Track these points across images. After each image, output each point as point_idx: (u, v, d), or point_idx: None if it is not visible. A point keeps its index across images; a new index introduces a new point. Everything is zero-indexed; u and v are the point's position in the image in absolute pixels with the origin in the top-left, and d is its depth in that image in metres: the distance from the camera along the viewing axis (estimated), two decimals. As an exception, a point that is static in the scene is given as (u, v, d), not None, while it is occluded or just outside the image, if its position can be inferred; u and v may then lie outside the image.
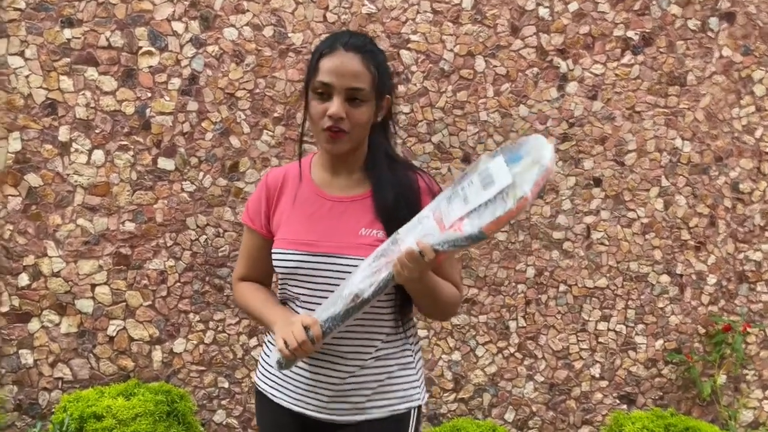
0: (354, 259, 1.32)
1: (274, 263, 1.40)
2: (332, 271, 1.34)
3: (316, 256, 1.34)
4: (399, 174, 1.38)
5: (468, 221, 1.16)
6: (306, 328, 1.25)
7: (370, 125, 1.37)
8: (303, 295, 1.38)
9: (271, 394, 1.44)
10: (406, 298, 1.37)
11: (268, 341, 1.49)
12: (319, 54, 1.33)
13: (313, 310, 1.33)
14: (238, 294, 1.52)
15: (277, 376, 1.43)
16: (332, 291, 1.31)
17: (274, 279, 1.49)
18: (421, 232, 1.22)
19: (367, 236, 1.34)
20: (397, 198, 1.35)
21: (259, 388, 1.47)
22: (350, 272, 1.30)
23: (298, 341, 1.24)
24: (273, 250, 1.40)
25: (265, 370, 1.47)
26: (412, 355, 1.44)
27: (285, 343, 1.25)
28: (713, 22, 2.69)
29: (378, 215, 1.35)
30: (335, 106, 1.30)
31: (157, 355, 2.47)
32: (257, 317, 1.44)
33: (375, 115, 1.37)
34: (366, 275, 1.25)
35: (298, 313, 1.38)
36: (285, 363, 1.29)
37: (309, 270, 1.35)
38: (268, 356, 1.47)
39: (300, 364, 1.37)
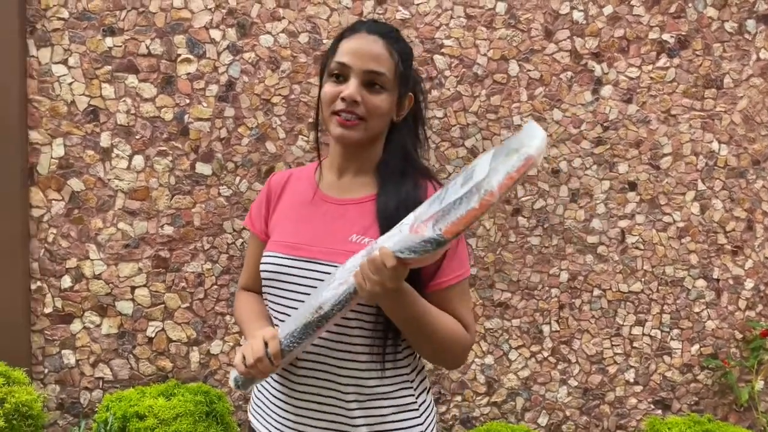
0: (337, 266, 1.15)
1: (260, 268, 1.27)
2: (310, 279, 1.18)
3: (297, 260, 1.20)
4: (409, 181, 1.23)
5: (432, 223, 0.98)
6: (266, 344, 1.11)
7: (389, 122, 1.25)
8: (279, 305, 1.23)
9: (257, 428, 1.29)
10: (394, 327, 1.17)
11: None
12: (340, 37, 1.24)
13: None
14: (235, 306, 1.41)
15: (264, 412, 1.28)
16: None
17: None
18: (396, 239, 1.03)
19: (357, 243, 1.18)
20: (398, 206, 1.18)
21: (251, 424, 1.33)
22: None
23: (255, 357, 1.09)
24: (264, 254, 1.28)
25: (255, 403, 1.33)
26: (413, 395, 1.23)
27: (243, 358, 1.12)
28: (750, 24, 2.66)
29: (378, 222, 1.19)
30: (351, 87, 1.18)
31: (195, 356, 2.51)
32: (241, 329, 1.32)
33: (396, 110, 1.25)
34: (332, 287, 1.09)
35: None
36: (242, 382, 1.15)
37: (287, 276, 1.21)
38: (257, 389, 1.34)
39: (287, 407, 1.21)
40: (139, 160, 2.46)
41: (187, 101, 2.46)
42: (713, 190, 2.68)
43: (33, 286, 2.42)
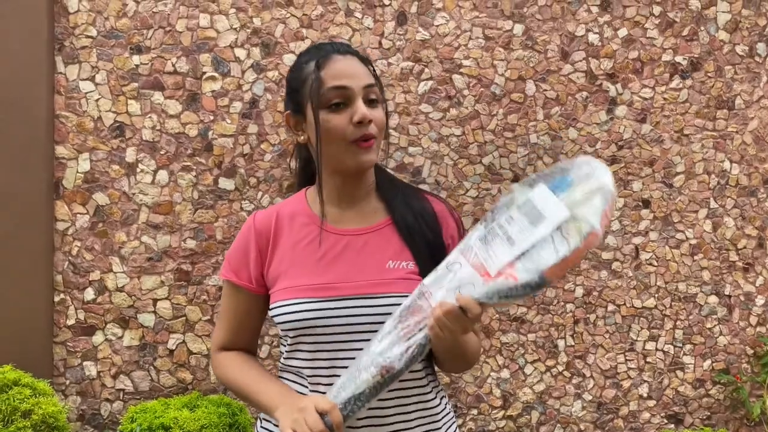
0: (386, 297, 1.10)
1: (281, 320, 1.14)
2: (360, 316, 1.09)
3: (335, 301, 1.10)
4: (410, 195, 1.20)
5: (521, 266, 0.94)
6: (322, 415, 0.99)
7: None
8: (322, 352, 1.11)
9: None
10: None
11: (263, 418, 1.24)
12: (316, 65, 1.14)
13: (330, 380, 1.09)
14: (219, 367, 1.24)
15: None
16: (362, 348, 1.07)
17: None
18: (454, 282, 1.01)
19: (396, 269, 1.12)
20: (417, 220, 1.16)
21: None
22: (385, 316, 1.07)
23: (313, 430, 0.98)
24: (275, 305, 1.15)
25: None
26: (446, 403, 1.24)
27: None
28: (761, 47, 2.73)
29: (405, 242, 1.15)
30: (362, 108, 1.11)
31: (215, 368, 2.54)
32: (248, 397, 1.18)
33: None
34: (393, 340, 1.02)
35: (308, 389, 1.12)
36: None
37: (327, 320, 1.09)
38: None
39: None
40: (163, 175, 2.50)
41: (212, 118, 2.51)
42: (725, 208, 2.74)
43: (56, 299, 2.45)
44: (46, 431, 2.07)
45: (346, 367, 1.06)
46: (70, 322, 2.47)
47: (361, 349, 1.06)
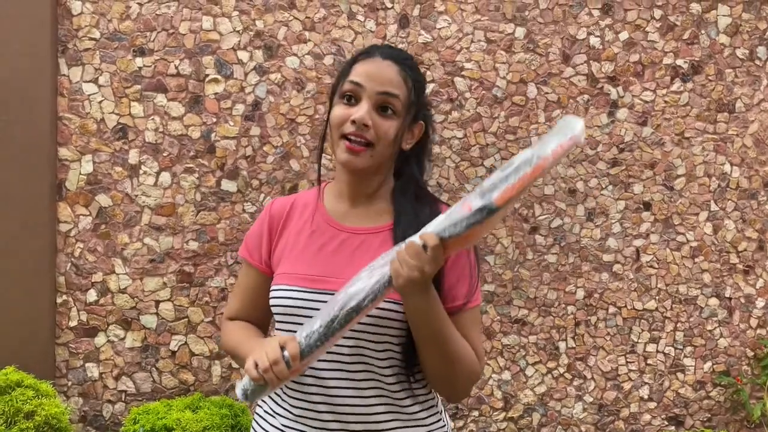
0: None
1: (271, 303, 1.19)
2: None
3: (320, 293, 1.14)
4: (426, 208, 1.20)
5: (477, 194, 0.98)
6: (282, 348, 1.02)
7: (397, 150, 1.20)
8: None
9: None
10: (410, 352, 1.15)
11: (256, 413, 1.28)
12: (354, 59, 1.20)
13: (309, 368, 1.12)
14: (223, 333, 1.30)
15: None
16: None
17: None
18: (437, 223, 1.02)
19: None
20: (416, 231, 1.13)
21: None
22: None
23: (270, 360, 1.00)
24: (272, 288, 1.21)
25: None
26: (438, 412, 1.24)
27: (255, 364, 1.02)
28: (761, 51, 2.74)
29: None
30: (362, 110, 1.14)
31: (217, 369, 2.55)
32: (237, 357, 1.22)
33: (404, 138, 1.20)
34: (361, 285, 1.03)
35: None
36: (252, 390, 1.03)
37: (307, 311, 1.13)
38: (260, 416, 1.25)
39: None
40: (166, 177, 2.51)
41: (214, 120, 2.52)
42: (725, 211, 2.75)
43: (59, 300, 2.46)
44: (48, 432, 2.08)
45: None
46: (73, 323, 2.47)
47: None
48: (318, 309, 1.09)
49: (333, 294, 1.08)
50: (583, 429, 2.71)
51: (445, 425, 1.26)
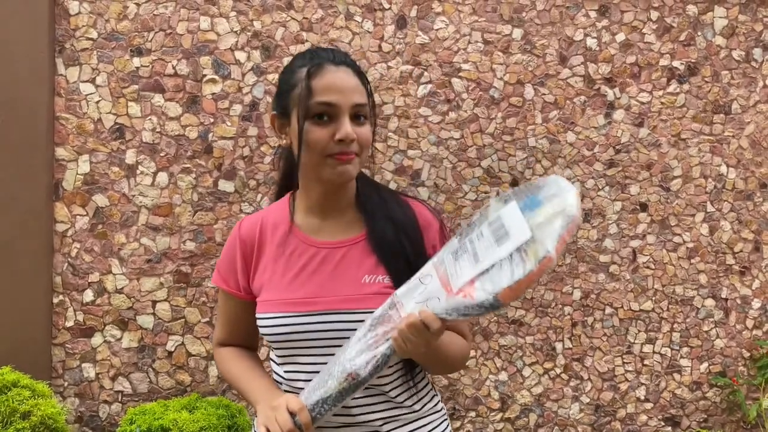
0: (360, 313, 1.11)
1: (262, 332, 1.19)
2: (333, 331, 1.13)
3: (312, 315, 1.13)
4: (392, 206, 1.20)
5: (480, 285, 0.96)
6: (292, 414, 1.04)
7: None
8: (301, 365, 1.15)
9: None
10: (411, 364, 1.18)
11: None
12: (307, 73, 1.14)
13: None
14: (219, 362, 1.31)
15: None
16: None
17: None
18: (423, 294, 1.03)
19: (372, 284, 1.14)
20: (397, 234, 1.17)
21: None
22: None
23: (283, 429, 1.03)
24: (258, 316, 1.19)
25: None
26: (438, 412, 1.27)
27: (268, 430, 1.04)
28: (757, 52, 2.76)
29: (379, 257, 1.16)
30: (346, 126, 1.11)
31: (213, 370, 2.54)
32: (240, 391, 1.23)
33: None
34: (361, 348, 1.04)
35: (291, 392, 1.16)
36: None
37: (305, 334, 1.13)
38: None
39: None
40: (163, 177, 2.51)
41: (212, 120, 2.52)
42: (722, 212, 2.76)
43: (55, 300, 2.45)
44: (45, 433, 2.07)
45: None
46: (69, 323, 2.47)
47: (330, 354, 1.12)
48: (311, 332, 1.12)
49: (327, 313, 1.11)
50: (579, 430, 2.71)
51: (446, 419, 1.29)
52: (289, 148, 1.23)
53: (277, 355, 1.21)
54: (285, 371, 1.20)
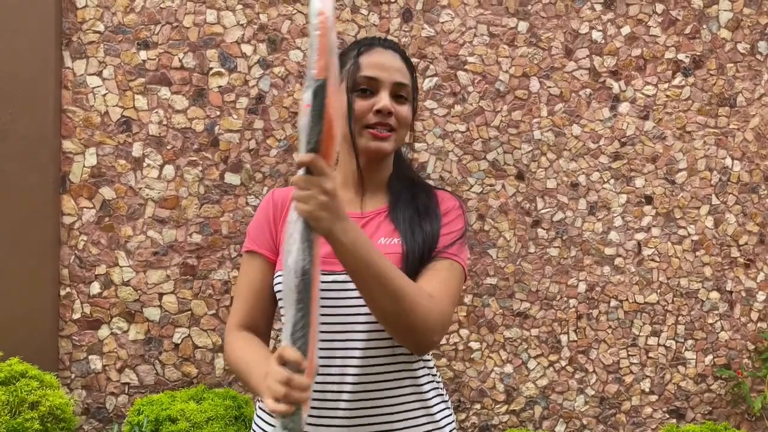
0: None
1: (276, 290, 1.20)
2: (348, 290, 1.14)
3: (328, 275, 1.14)
4: (421, 193, 1.25)
5: (306, 94, 0.93)
6: (283, 364, 0.95)
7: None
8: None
9: None
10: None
11: (259, 407, 1.28)
12: (357, 52, 1.22)
13: (325, 347, 1.14)
14: (229, 351, 1.22)
15: None
16: (349, 320, 1.15)
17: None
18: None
19: (387, 245, 1.19)
20: (415, 214, 1.21)
21: None
22: None
23: (281, 382, 0.93)
24: (277, 274, 1.20)
25: None
26: (442, 395, 1.28)
27: (275, 400, 0.95)
28: (762, 45, 2.76)
29: (396, 227, 1.20)
30: (384, 99, 1.19)
31: (220, 362, 2.55)
32: (241, 377, 1.18)
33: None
34: (288, 250, 0.96)
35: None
36: (292, 422, 0.94)
37: (322, 293, 1.08)
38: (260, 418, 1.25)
39: None
40: (169, 170, 2.52)
41: (218, 113, 2.53)
42: (726, 205, 2.76)
43: (62, 292, 2.46)
44: (53, 423, 2.08)
45: (332, 339, 1.14)
46: (76, 315, 2.48)
47: (345, 322, 1.14)
48: (327, 290, 1.13)
49: (336, 274, 1.13)
50: (584, 422, 2.72)
51: (451, 414, 1.29)
52: None
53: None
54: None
